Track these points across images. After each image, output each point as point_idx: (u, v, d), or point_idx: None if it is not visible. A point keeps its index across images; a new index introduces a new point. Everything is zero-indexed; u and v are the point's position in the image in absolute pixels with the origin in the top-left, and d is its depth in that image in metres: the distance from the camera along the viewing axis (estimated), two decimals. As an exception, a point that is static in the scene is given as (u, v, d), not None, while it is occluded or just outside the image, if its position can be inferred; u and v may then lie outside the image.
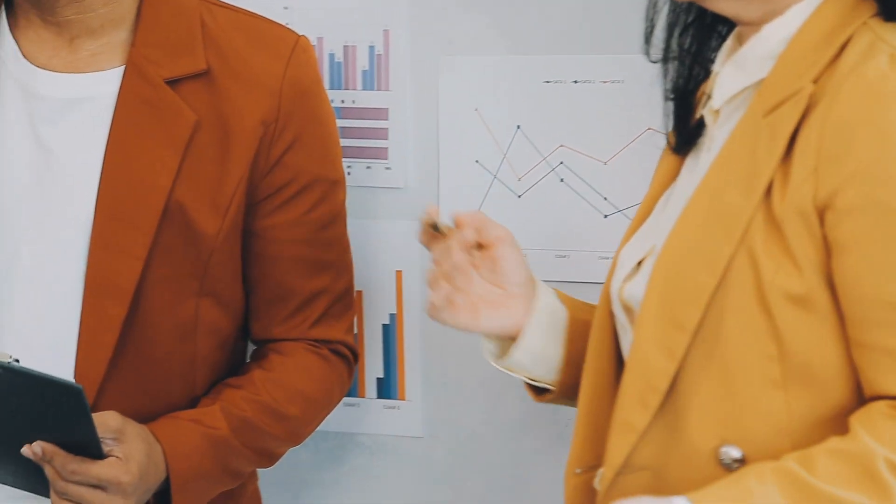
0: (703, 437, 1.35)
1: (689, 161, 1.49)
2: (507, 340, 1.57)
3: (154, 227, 1.64)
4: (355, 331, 2.03)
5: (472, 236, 1.55)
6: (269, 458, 1.77)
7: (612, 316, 1.49)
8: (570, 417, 1.97)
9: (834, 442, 1.29)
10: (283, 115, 1.70)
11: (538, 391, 1.61)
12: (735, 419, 1.34)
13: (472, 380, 2.01)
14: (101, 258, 1.64)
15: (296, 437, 1.79)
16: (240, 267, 1.74)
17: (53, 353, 1.65)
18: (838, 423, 1.32)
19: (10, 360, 1.48)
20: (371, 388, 2.06)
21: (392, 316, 2.04)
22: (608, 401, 1.45)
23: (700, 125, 1.48)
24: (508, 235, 1.56)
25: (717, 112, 1.44)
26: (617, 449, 1.39)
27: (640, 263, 1.45)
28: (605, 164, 1.91)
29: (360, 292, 2.04)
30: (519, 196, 1.96)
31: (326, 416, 1.81)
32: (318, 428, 1.95)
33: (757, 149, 1.34)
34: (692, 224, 1.37)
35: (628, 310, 1.45)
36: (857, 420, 1.29)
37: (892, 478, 1.26)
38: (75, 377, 1.64)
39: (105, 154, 1.65)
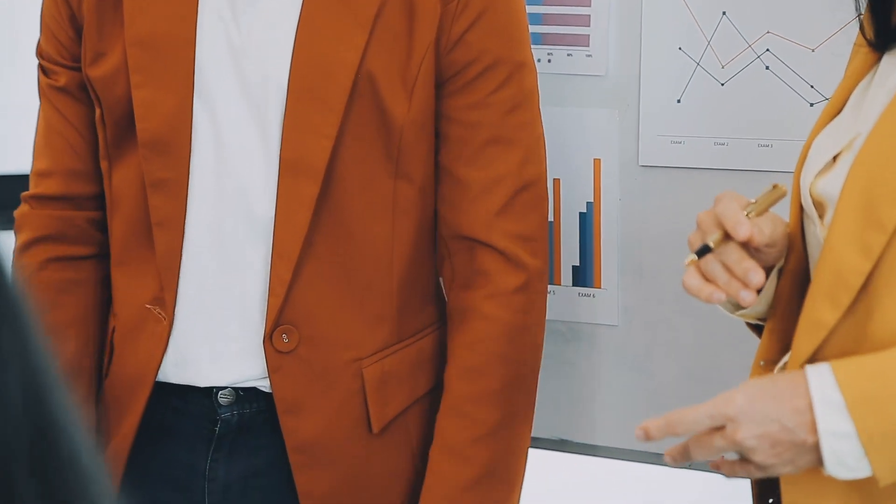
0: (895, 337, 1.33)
1: (891, 55, 1.45)
2: None
3: (343, 104, 1.66)
4: (551, 218, 2.04)
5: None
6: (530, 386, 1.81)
7: (801, 209, 1.47)
8: (768, 307, 1.97)
9: None
10: None
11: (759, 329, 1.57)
12: None
13: (668, 268, 2.00)
14: (293, 137, 1.67)
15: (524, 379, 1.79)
16: (433, 150, 1.75)
17: (252, 231, 1.70)
18: None
19: None
20: (566, 275, 2.07)
21: (589, 204, 2.04)
22: (799, 296, 1.44)
23: None
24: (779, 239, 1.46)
25: None
26: (804, 345, 1.38)
27: (835, 158, 1.42)
28: (814, 51, 1.87)
29: (557, 180, 2.04)
30: (722, 84, 1.93)
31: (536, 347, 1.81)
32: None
33: None
34: None
35: (819, 204, 1.42)
36: None
37: None
38: (273, 254, 1.68)
39: (296, 34, 1.68)
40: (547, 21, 2.00)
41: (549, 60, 2.01)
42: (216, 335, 1.72)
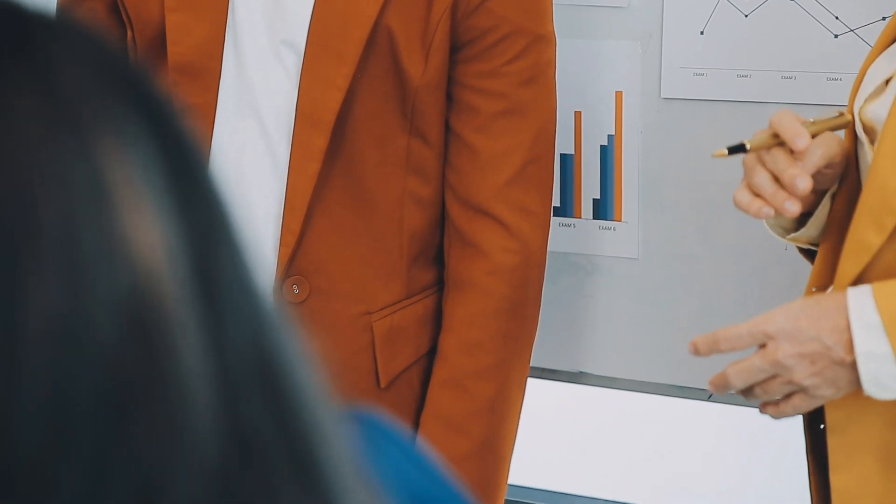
0: None
1: None
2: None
3: (356, 57, 1.65)
4: (572, 151, 2.03)
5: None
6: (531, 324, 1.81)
7: (855, 136, 1.46)
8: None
9: None
10: None
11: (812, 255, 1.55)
12: None
13: (688, 201, 2.00)
14: (309, 88, 1.66)
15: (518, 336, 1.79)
16: (444, 112, 1.74)
17: (272, 174, 1.70)
18: None
19: None
20: (587, 208, 2.06)
21: (610, 137, 2.03)
22: (849, 222, 1.43)
23: None
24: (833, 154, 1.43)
25: None
26: (848, 268, 1.37)
27: (887, 82, 1.41)
28: (839, -19, 1.86)
29: (578, 113, 2.03)
30: (746, 15, 1.92)
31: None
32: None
33: None
34: None
35: (870, 130, 1.41)
36: None
37: None
38: (285, 205, 1.69)
39: None
40: (570, -48, 1.99)
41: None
42: None
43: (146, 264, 0.49)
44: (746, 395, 1.39)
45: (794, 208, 1.38)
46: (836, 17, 1.87)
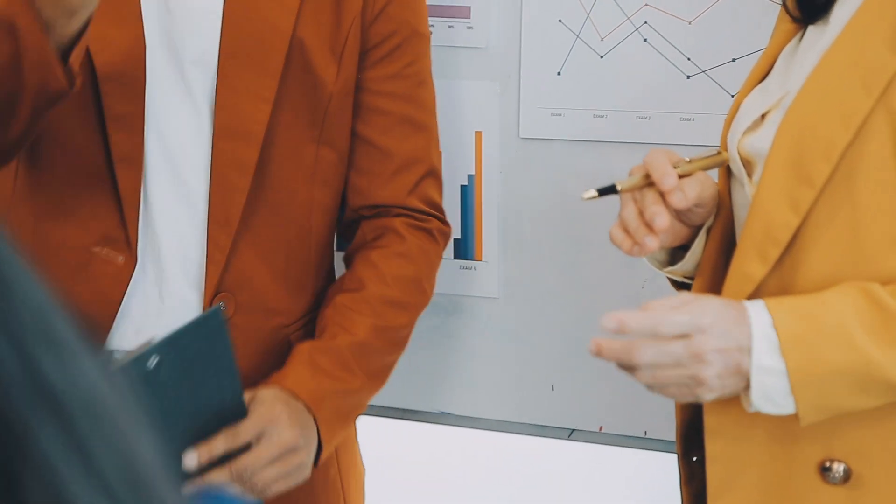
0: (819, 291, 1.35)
1: (816, 26, 1.45)
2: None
3: (280, 69, 1.66)
4: (433, 191, 2.04)
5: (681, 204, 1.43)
6: (401, 343, 1.81)
7: (728, 171, 1.48)
8: (646, 277, 1.98)
9: None
10: None
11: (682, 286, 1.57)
12: (857, 275, 1.33)
13: (548, 241, 2.01)
14: (229, 101, 1.65)
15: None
16: (351, 119, 1.76)
17: (186, 198, 1.67)
18: None
19: (151, 341, 1.42)
20: (448, 248, 2.06)
21: (470, 177, 2.04)
22: (725, 256, 1.45)
23: None
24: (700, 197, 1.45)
25: None
26: (732, 298, 1.39)
27: (763, 116, 1.43)
28: (690, 23, 1.89)
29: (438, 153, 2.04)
30: (601, 56, 1.94)
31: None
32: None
33: None
34: (828, 77, 1.34)
35: (747, 163, 1.43)
36: None
37: None
38: (209, 221, 1.66)
39: (224, 1, 1.66)
40: (428, -8, 1.99)
41: (431, 32, 2.00)
42: (162, 280, 1.69)
43: None
44: (629, 369, 1.36)
45: (652, 244, 1.40)
46: (689, 59, 1.90)
